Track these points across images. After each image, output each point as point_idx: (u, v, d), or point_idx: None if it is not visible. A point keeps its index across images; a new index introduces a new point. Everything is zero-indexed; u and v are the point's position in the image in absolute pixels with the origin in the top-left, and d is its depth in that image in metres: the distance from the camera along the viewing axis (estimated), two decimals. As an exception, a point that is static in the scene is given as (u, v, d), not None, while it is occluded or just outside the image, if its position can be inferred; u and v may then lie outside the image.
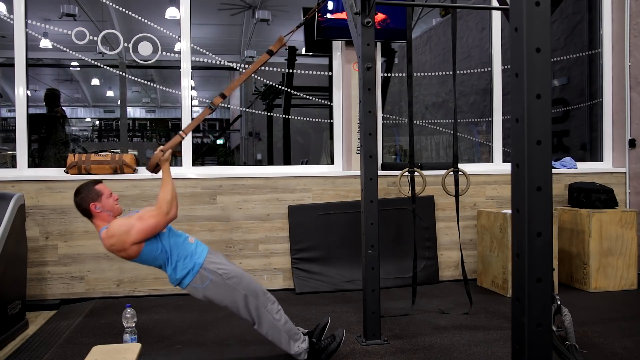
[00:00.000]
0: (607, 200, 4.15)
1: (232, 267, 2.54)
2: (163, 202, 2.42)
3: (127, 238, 2.35)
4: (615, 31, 4.78)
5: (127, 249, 2.38)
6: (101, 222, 2.46)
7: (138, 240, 2.37)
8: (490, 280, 4.10)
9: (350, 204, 4.24)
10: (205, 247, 2.57)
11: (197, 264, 2.46)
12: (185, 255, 2.47)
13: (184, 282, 2.47)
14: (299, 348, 2.54)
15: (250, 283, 2.52)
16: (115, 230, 2.37)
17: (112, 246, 2.39)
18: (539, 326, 1.49)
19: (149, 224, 2.38)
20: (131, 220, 2.39)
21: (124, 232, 2.35)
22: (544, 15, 1.48)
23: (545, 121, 1.48)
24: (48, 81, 14.93)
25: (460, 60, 7.10)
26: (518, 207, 1.52)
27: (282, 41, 2.75)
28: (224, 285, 2.46)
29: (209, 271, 2.46)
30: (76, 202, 2.47)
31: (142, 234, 2.37)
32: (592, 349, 2.76)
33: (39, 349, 2.88)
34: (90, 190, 2.46)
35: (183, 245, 2.50)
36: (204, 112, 2.63)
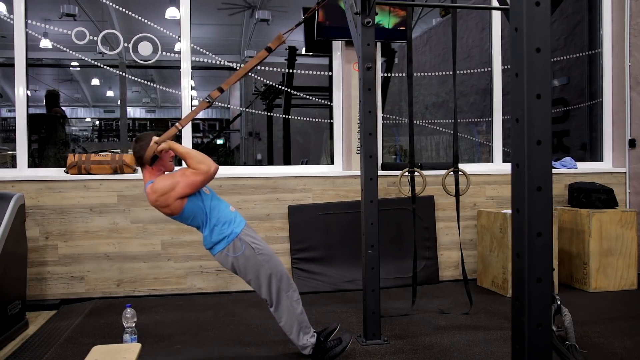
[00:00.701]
0: (607, 200, 4.15)
1: (265, 245, 2.60)
2: (198, 165, 2.44)
3: (172, 193, 2.40)
4: (615, 31, 4.78)
5: (170, 205, 2.43)
6: (150, 174, 2.50)
7: (182, 194, 2.42)
8: (490, 280, 4.10)
9: (350, 204, 4.24)
10: (244, 220, 2.62)
11: (234, 232, 2.51)
12: (224, 221, 2.51)
13: (216, 247, 2.51)
14: (307, 341, 2.57)
15: (278, 265, 2.57)
16: (159, 186, 2.42)
17: (156, 201, 2.44)
18: (539, 326, 1.49)
19: (193, 180, 2.42)
20: (175, 177, 2.44)
21: (169, 187, 2.40)
22: (544, 15, 1.48)
23: (545, 121, 1.48)
24: (48, 81, 14.93)
25: (460, 60, 7.10)
26: (518, 207, 1.52)
27: (281, 39, 2.74)
28: (254, 259, 2.51)
29: (243, 242, 2.51)
30: (135, 148, 2.50)
31: (186, 189, 2.42)
32: (592, 349, 2.77)
33: (39, 349, 2.88)
34: (151, 141, 2.49)
35: (224, 211, 2.55)
36: (201, 105, 2.61)
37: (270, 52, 2.71)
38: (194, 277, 4.07)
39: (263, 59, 2.73)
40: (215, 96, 2.61)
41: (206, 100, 2.59)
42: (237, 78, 2.68)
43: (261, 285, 2.53)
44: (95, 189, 3.94)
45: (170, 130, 2.56)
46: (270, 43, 2.70)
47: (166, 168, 2.55)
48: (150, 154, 2.50)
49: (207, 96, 2.60)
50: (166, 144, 2.49)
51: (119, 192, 3.97)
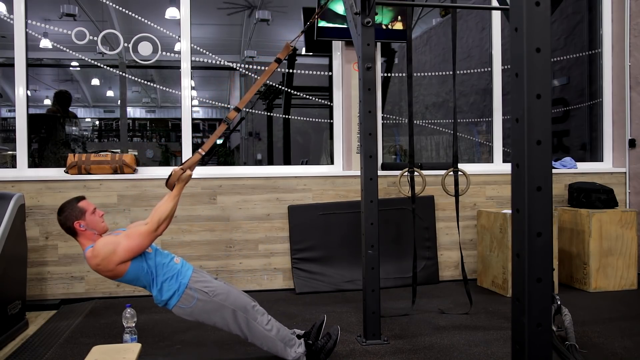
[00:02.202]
0: (607, 200, 4.15)
1: (217, 283, 2.51)
2: (158, 216, 2.40)
3: (113, 257, 2.31)
4: (615, 31, 4.78)
5: (113, 269, 2.34)
6: (86, 240, 2.40)
7: (124, 259, 2.33)
8: (490, 280, 4.10)
9: (350, 204, 4.24)
10: (190, 266, 2.54)
11: (182, 284, 2.43)
12: (170, 276, 2.43)
13: (170, 303, 2.44)
14: (297, 353, 2.53)
15: (237, 298, 2.49)
16: (100, 250, 2.32)
17: (98, 266, 2.33)
18: (539, 326, 1.49)
19: (136, 243, 2.34)
20: (118, 238, 2.35)
21: (110, 251, 2.31)
22: (544, 15, 1.48)
23: (545, 121, 1.48)
24: (48, 81, 14.94)
25: (460, 60, 7.10)
26: (518, 207, 1.52)
27: (289, 48, 2.76)
28: (211, 302, 2.43)
29: (194, 290, 2.43)
30: (60, 220, 2.42)
31: (128, 253, 2.33)
32: (592, 349, 2.77)
33: (39, 349, 2.88)
34: (73, 208, 2.40)
35: (169, 265, 2.46)
36: (221, 127, 2.65)
37: (280, 63, 2.75)
38: (194, 277, 4.06)
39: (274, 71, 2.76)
40: (233, 117, 2.66)
41: (225, 122, 2.63)
42: (250, 95, 2.73)
43: (229, 324, 2.47)
44: (95, 189, 3.94)
45: (194, 157, 2.56)
46: (279, 54, 2.72)
47: (99, 229, 2.43)
48: (174, 181, 2.49)
49: (225, 117, 2.65)
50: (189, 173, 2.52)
51: (118, 192, 3.97)
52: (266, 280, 4.17)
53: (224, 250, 4.11)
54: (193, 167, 2.57)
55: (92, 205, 2.48)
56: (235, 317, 2.46)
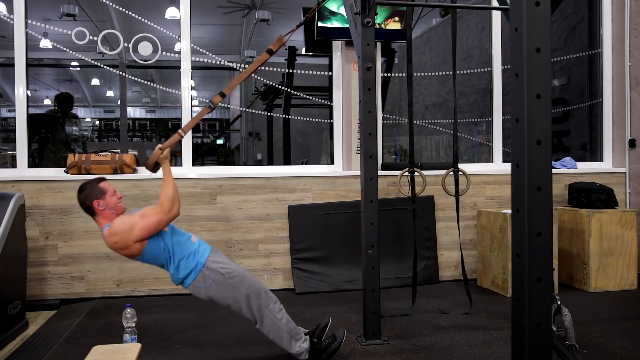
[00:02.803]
0: (607, 200, 4.15)
1: (234, 266, 2.54)
2: (165, 200, 2.43)
3: (129, 236, 2.35)
4: (615, 31, 4.78)
5: (129, 247, 2.38)
6: (104, 220, 2.46)
7: (141, 237, 2.37)
8: (490, 280, 4.10)
9: (350, 204, 4.24)
10: (208, 246, 2.57)
11: (199, 263, 2.46)
12: (187, 254, 2.47)
13: (186, 282, 2.47)
14: (300, 348, 2.55)
15: (253, 282, 2.52)
16: (118, 228, 2.37)
17: (115, 244, 2.39)
18: (539, 326, 1.49)
19: (152, 222, 2.38)
20: (134, 218, 2.39)
21: (127, 230, 2.35)
22: (544, 15, 1.48)
23: (545, 121, 1.48)
24: (48, 81, 14.94)
25: (460, 60, 7.10)
26: (518, 207, 1.52)
27: (282, 40, 2.75)
28: (226, 284, 2.46)
29: (211, 270, 2.46)
30: (79, 199, 2.48)
31: (145, 232, 2.37)
32: (592, 349, 2.77)
33: (39, 349, 2.88)
34: (94, 188, 2.46)
35: (186, 244, 2.50)
36: (203, 110, 2.62)
37: (271, 54, 2.72)
38: (194, 277, 4.06)
39: (265, 62, 2.74)
40: (217, 101, 2.62)
41: (208, 105, 2.60)
42: (238, 82, 2.70)
43: (241, 306, 2.49)
44: (95, 189, 3.93)
45: (173, 137, 2.55)
46: (272, 45, 2.71)
47: (117, 210, 2.48)
48: (153, 161, 2.50)
49: (209, 101, 2.61)
50: (168, 152, 2.50)
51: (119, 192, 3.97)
52: (266, 280, 4.17)
53: (224, 250, 4.10)
54: (172, 146, 2.56)
55: (112, 187, 2.53)
56: (249, 301, 2.49)
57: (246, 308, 2.49)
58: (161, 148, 2.51)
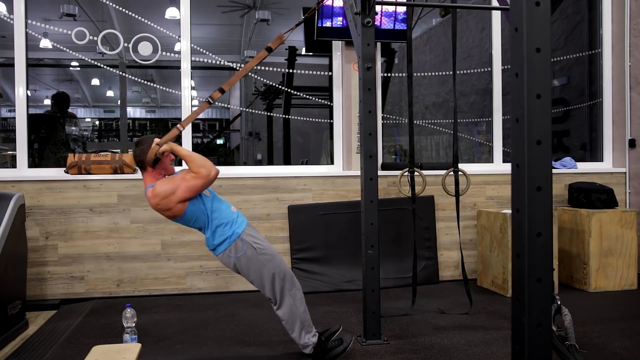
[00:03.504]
0: (607, 200, 4.15)
1: (267, 244, 2.60)
2: (199, 169, 2.44)
3: (172, 197, 2.42)
4: (615, 31, 4.78)
5: (172, 208, 2.44)
6: (151, 178, 2.52)
7: (183, 198, 2.43)
8: (490, 280, 4.10)
9: (350, 204, 4.24)
10: (245, 219, 2.63)
11: (235, 233, 2.51)
12: (225, 222, 2.52)
13: (219, 249, 2.52)
14: (309, 340, 2.58)
15: (281, 264, 2.58)
16: (160, 190, 2.43)
17: (158, 205, 2.45)
18: (539, 326, 1.49)
19: (194, 184, 2.43)
20: (176, 180, 2.45)
21: (170, 191, 2.42)
22: (544, 15, 1.48)
23: (545, 121, 1.48)
24: (48, 81, 14.93)
25: (460, 60, 7.10)
26: (518, 207, 1.52)
27: (282, 39, 2.75)
28: (256, 259, 2.52)
29: (245, 242, 2.51)
30: (135, 152, 2.52)
31: (187, 192, 2.43)
32: (592, 349, 2.77)
33: (39, 349, 2.88)
34: (151, 144, 2.49)
35: (225, 212, 2.55)
36: (203, 105, 2.62)
37: (270, 52, 2.72)
38: (194, 277, 4.07)
39: (263, 59, 2.74)
40: (217, 97, 2.62)
41: (207, 101, 2.61)
42: (237, 78, 2.70)
43: (264, 284, 2.55)
44: (95, 189, 3.94)
45: (172, 131, 2.56)
46: (271, 43, 2.71)
47: (167, 171, 2.56)
48: (152, 156, 2.50)
49: (208, 97, 2.62)
50: (168, 146, 2.50)
51: (119, 192, 3.97)
52: (266, 280, 4.17)
53: (224, 250, 4.10)
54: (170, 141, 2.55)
55: None
56: (273, 281, 2.53)
57: (269, 287, 2.54)
58: (159, 143, 2.50)
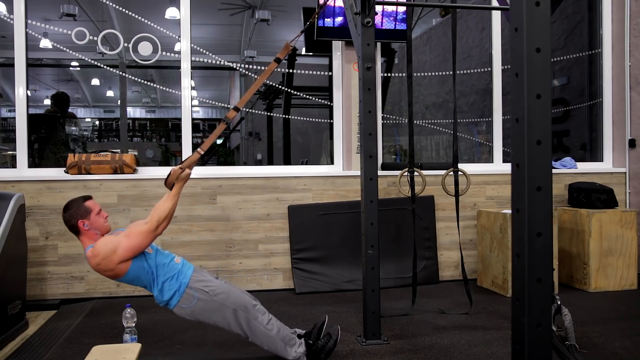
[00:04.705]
0: (607, 200, 4.15)
1: (218, 282, 2.52)
2: (157, 215, 2.40)
3: (113, 257, 2.32)
4: (615, 31, 4.78)
5: (113, 269, 2.35)
6: (88, 240, 2.42)
7: (125, 258, 2.34)
8: (490, 280, 4.10)
9: (350, 204, 4.24)
10: (191, 266, 2.55)
11: (183, 283, 2.43)
12: (171, 276, 2.44)
13: (171, 303, 2.45)
14: (297, 353, 2.53)
15: (239, 297, 2.50)
16: (100, 249, 2.34)
17: (98, 265, 2.35)
18: (539, 326, 1.49)
19: (136, 242, 2.36)
20: (118, 238, 2.37)
21: (111, 251, 2.33)
22: (544, 15, 1.48)
23: (545, 121, 1.48)
24: (48, 81, 14.94)
25: (460, 60, 7.10)
26: (518, 207, 1.52)
27: (289, 48, 2.76)
28: (212, 302, 2.44)
29: (195, 290, 2.43)
30: (65, 217, 2.44)
31: (129, 252, 2.35)
32: (592, 349, 2.77)
33: (38, 349, 2.88)
34: (79, 207, 2.43)
35: (169, 265, 2.47)
36: (220, 127, 2.63)
37: (279, 63, 2.74)
38: (194, 277, 4.06)
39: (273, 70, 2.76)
40: (232, 116, 2.65)
41: (224, 121, 2.63)
42: (249, 95, 2.71)
43: (229, 323, 2.47)
44: (95, 189, 3.94)
45: (194, 155, 2.55)
46: (279, 53, 2.72)
47: (102, 230, 2.45)
48: (173, 180, 2.49)
49: (224, 117, 2.64)
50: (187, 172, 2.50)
51: (118, 192, 3.97)
52: (266, 280, 4.17)
53: (224, 250, 4.11)
54: (192, 166, 2.56)
55: (98, 206, 2.50)
56: (236, 316, 2.46)
57: (235, 324, 2.47)
58: (182, 167, 2.49)
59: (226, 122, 2.63)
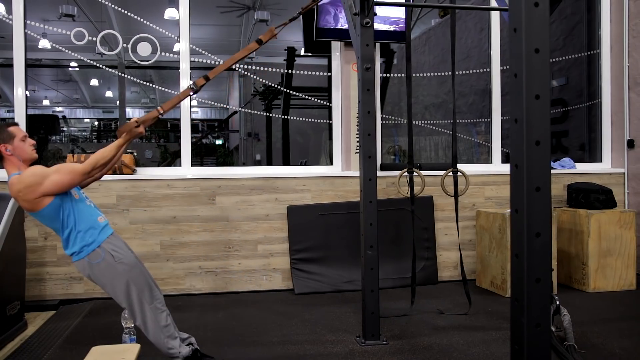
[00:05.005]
0: (605, 201, 4.15)
1: (129, 254, 2.44)
2: (95, 159, 2.33)
3: (37, 188, 2.22)
4: (614, 32, 4.79)
5: (32, 201, 2.25)
6: (12, 167, 2.32)
7: (49, 192, 2.25)
8: (489, 280, 4.10)
9: (349, 205, 4.24)
10: (111, 229, 2.47)
11: (96, 240, 2.35)
12: (87, 228, 2.36)
13: (77, 255, 2.36)
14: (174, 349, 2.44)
15: (140, 276, 2.41)
16: (27, 178, 2.24)
17: (19, 192, 2.24)
18: (538, 326, 1.49)
19: (65, 178, 2.26)
20: (47, 171, 2.27)
21: (37, 181, 2.22)
22: (543, 16, 1.48)
23: (544, 122, 1.48)
24: (47, 81, 14.94)
25: (459, 60, 7.10)
26: (517, 207, 1.53)
27: (273, 32, 2.73)
28: (112, 268, 2.35)
29: (104, 250, 2.35)
30: None
31: (55, 187, 2.25)
32: (590, 349, 2.77)
33: (37, 350, 2.87)
34: (2, 131, 2.33)
35: (89, 218, 2.38)
36: (185, 91, 2.54)
37: (260, 45, 2.68)
38: (193, 278, 4.07)
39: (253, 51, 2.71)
40: (200, 84, 2.52)
41: (191, 87, 2.53)
42: (224, 67, 2.64)
43: (118, 295, 2.39)
44: (94, 190, 3.93)
45: (152, 112, 2.46)
46: (262, 35, 2.69)
47: (26, 157, 2.35)
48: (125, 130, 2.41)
49: (192, 83, 2.53)
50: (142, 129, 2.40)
51: (117, 193, 3.97)
52: (265, 280, 4.17)
53: (223, 250, 4.11)
54: (147, 123, 2.46)
55: (23, 132, 2.39)
56: (129, 292, 2.37)
57: (124, 299, 2.38)
58: (137, 122, 2.40)
59: (193, 88, 2.57)
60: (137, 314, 2.40)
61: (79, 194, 2.43)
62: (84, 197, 2.46)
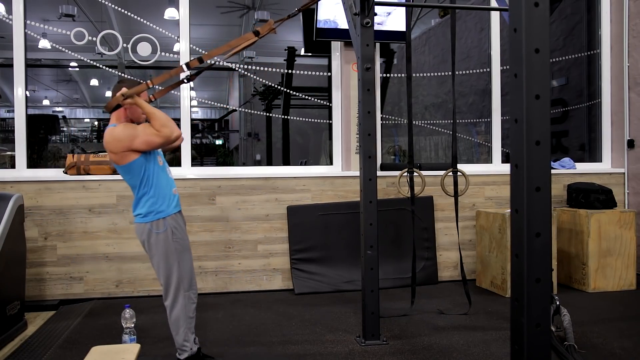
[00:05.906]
0: (605, 201, 4.15)
1: (185, 238, 2.55)
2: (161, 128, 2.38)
3: (126, 143, 2.34)
4: (614, 32, 4.79)
5: (119, 153, 2.36)
6: (116, 119, 2.46)
7: (137, 148, 2.36)
8: (489, 280, 4.10)
9: (349, 205, 4.24)
10: (180, 206, 2.56)
11: (164, 211, 2.44)
12: (161, 195, 2.44)
13: (141, 217, 2.43)
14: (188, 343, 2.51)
15: (187, 262, 2.53)
16: (119, 132, 2.36)
17: (108, 144, 2.37)
18: (538, 326, 1.49)
19: (152, 139, 2.37)
20: (137, 129, 2.38)
21: (127, 137, 2.34)
22: (543, 16, 1.48)
23: (544, 122, 1.48)
24: (47, 82, 14.93)
25: (459, 60, 7.10)
26: (517, 207, 1.53)
27: (271, 25, 2.74)
28: (167, 244, 2.43)
29: (167, 224, 2.44)
30: (115, 87, 2.48)
31: (143, 145, 2.37)
32: (590, 349, 2.77)
33: (37, 350, 2.88)
34: (133, 86, 2.45)
35: (164, 187, 2.47)
36: (178, 69, 2.59)
37: (258, 36, 2.71)
38: (193, 278, 4.06)
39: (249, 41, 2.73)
40: (193, 64, 2.58)
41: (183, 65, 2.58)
42: (219, 52, 2.66)
43: (160, 271, 2.46)
44: (94, 190, 3.93)
45: (140, 85, 2.49)
46: (260, 28, 2.71)
47: (136, 118, 2.48)
48: (113, 104, 2.46)
49: (185, 63, 2.57)
50: (132, 100, 2.43)
51: (118, 193, 3.97)
52: (265, 280, 4.17)
53: (223, 250, 4.11)
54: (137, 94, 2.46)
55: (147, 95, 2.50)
56: (171, 271, 2.45)
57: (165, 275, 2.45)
58: (124, 94, 2.42)
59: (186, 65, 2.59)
60: (170, 295, 2.48)
61: (163, 161, 2.53)
62: (166, 166, 2.56)
